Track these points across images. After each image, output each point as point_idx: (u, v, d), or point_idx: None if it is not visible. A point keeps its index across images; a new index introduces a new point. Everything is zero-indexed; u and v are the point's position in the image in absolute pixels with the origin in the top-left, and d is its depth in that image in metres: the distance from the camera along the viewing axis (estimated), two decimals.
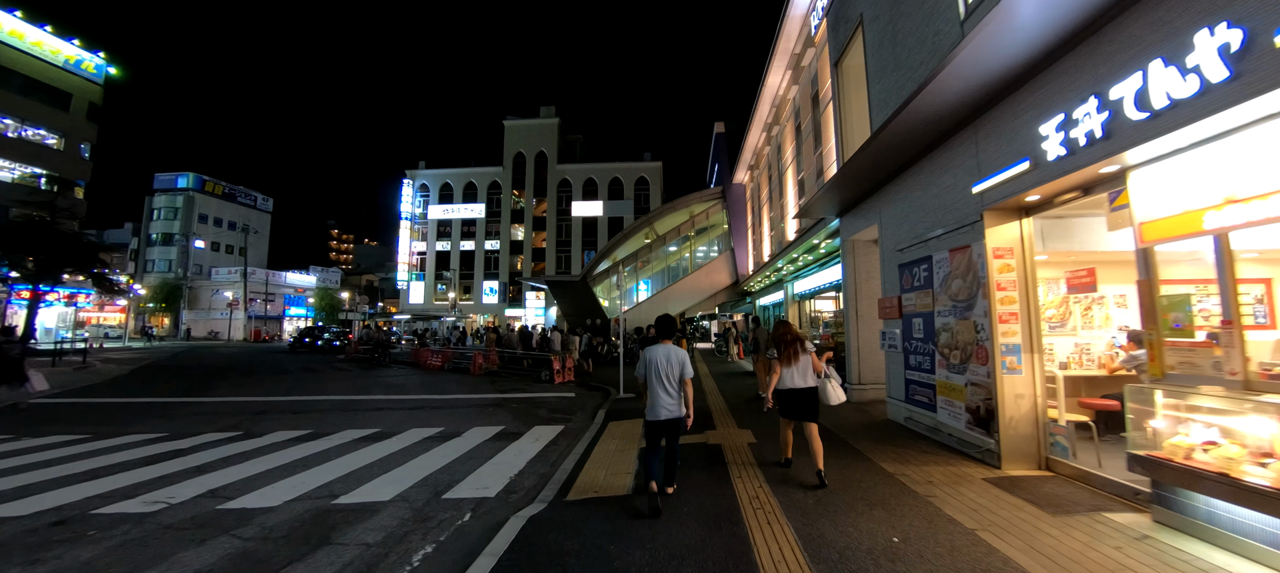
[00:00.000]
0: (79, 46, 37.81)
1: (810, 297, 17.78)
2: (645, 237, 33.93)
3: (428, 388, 12.61)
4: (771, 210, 22.30)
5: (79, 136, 38.14)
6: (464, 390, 12.09)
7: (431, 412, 9.17)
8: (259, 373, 16.43)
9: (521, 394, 11.44)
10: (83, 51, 38.12)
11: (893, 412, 6.88)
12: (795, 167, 17.61)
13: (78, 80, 38.05)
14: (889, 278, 6.82)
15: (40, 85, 35.89)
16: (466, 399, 10.66)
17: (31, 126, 35.60)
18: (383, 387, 12.82)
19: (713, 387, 11.84)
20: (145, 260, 55.28)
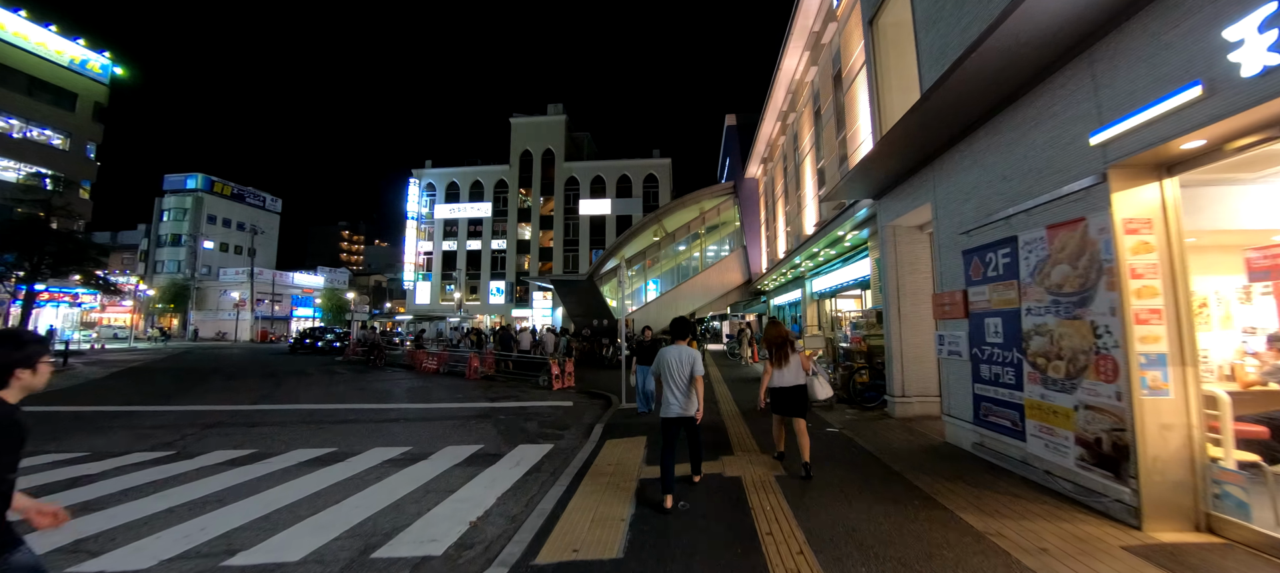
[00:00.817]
0: (84, 46, 37.61)
1: (831, 295, 16.41)
2: (654, 234, 32.69)
3: (414, 395, 11.51)
4: (787, 204, 20.93)
5: (84, 137, 37.93)
6: (452, 398, 10.96)
7: (405, 426, 8.02)
8: (245, 376, 15.51)
9: (513, 403, 10.28)
10: (88, 52, 37.92)
11: (954, 434, 5.57)
12: (814, 155, 16.26)
13: (83, 80, 37.83)
14: (948, 269, 5.52)
15: (45, 85, 35.67)
16: (450, 409, 9.51)
17: (36, 126, 35.38)
18: (364, 393, 11.75)
19: (726, 394, 10.57)
20: (155, 261, 55.33)
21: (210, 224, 56.50)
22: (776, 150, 23.39)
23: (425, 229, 51.03)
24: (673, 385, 4.45)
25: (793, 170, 19.84)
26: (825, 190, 9.59)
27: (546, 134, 49.71)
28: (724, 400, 9.75)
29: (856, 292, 14.67)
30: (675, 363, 4.47)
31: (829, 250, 13.93)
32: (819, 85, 15.83)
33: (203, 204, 55.93)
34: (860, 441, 5.94)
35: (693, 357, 4.49)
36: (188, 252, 53.89)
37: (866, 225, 10.84)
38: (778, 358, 5.46)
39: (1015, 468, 4.49)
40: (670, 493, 4.23)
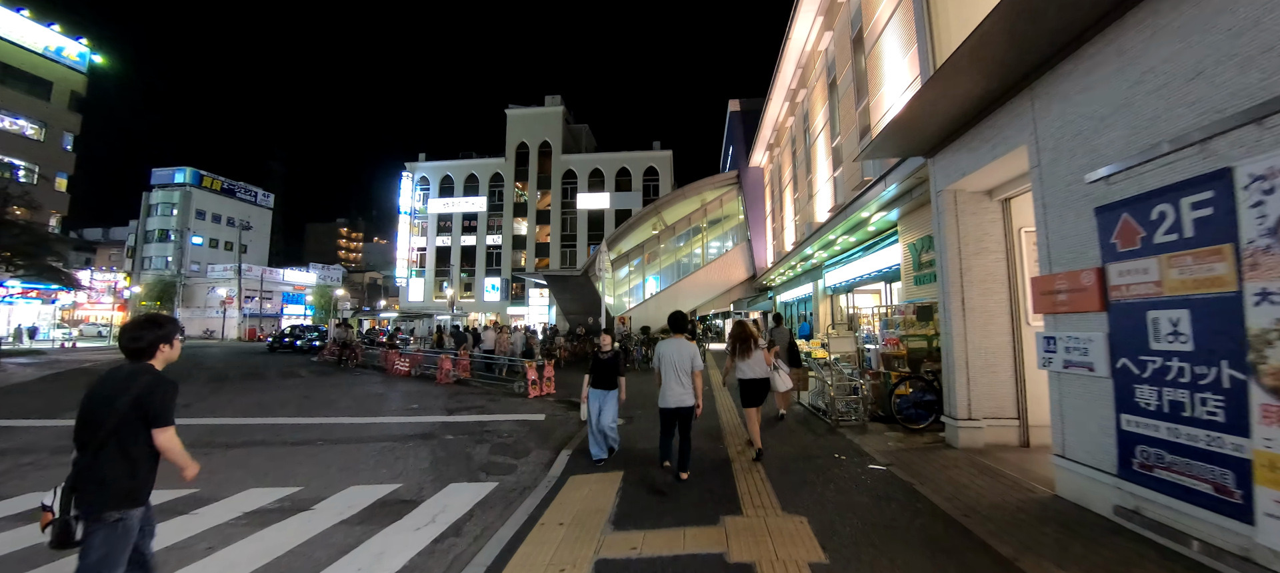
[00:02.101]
0: (59, 32, 36.03)
1: (847, 290, 14.59)
2: (653, 227, 30.89)
3: (362, 405, 9.76)
4: (796, 192, 19.12)
5: (61, 127, 36.33)
6: (405, 409, 9.22)
7: (318, 452, 6.26)
8: (192, 380, 13.82)
9: (474, 416, 8.52)
10: (63, 38, 36.34)
11: (1075, 487, 3.72)
12: (828, 133, 14.44)
13: (59, 68, 36.26)
14: (1067, 237, 3.70)
15: (17, 72, 34.06)
16: (392, 426, 7.76)
17: (8, 115, 33.83)
18: (305, 403, 10.00)
19: (728, 403, 8.78)
20: (142, 257, 53.87)
21: (199, 219, 55.01)
22: (784, 135, 21.56)
23: (418, 224, 49.39)
24: (676, 378, 4.60)
25: (802, 155, 18.02)
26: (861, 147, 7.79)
27: (543, 126, 47.96)
28: (727, 414, 7.95)
29: (879, 285, 12.85)
30: (676, 356, 4.65)
31: (847, 238, 12.11)
32: (834, 53, 14.01)
33: (191, 199, 54.43)
34: (925, 489, 4.15)
35: (692, 351, 4.65)
36: (175, 248, 52.37)
37: (897, 204, 9.05)
38: (742, 351, 5.82)
39: (1223, 565, 2.68)
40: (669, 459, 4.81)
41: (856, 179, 11.81)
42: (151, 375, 2.30)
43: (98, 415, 2.19)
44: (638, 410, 8.33)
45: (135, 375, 2.27)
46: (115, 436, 2.18)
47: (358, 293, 68.18)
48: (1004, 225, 5.43)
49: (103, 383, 2.28)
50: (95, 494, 2.14)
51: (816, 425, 6.78)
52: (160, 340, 2.40)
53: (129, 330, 2.39)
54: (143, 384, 2.25)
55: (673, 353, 4.66)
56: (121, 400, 2.20)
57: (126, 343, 2.37)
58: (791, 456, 5.38)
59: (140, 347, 2.35)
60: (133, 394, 2.21)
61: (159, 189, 54.62)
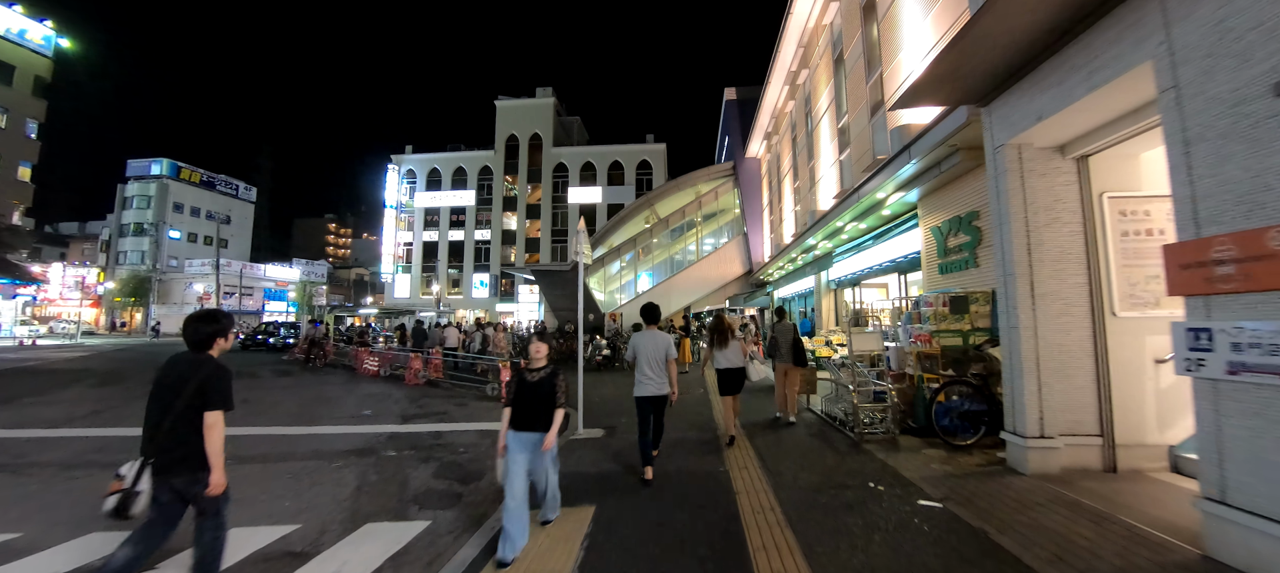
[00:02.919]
0: (21, 14, 34.24)
1: (854, 283, 13.47)
2: (645, 220, 29.69)
3: (313, 409, 8.50)
4: (797, 180, 17.99)
5: (24, 113, 34.52)
6: (357, 415, 7.97)
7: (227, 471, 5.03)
8: (126, 382, 12.46)
9: (431, 425, 7.29)
10: (26, 21, 34.54)
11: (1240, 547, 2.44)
12: (834, 113, 13.30)
13: (22, 52, 34.44)
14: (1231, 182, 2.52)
15: None
16: (335, 437, 6.51)
17: None
18: (245, 408, 8.70)
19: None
20: (117, 252, 51.94)
21: (177, 213, 53.12)
22: (783, 121, 20.43)
23: (405, 218, 47.88)
24: (648, 367, 4.69)
25: (803, 140, 16.89)
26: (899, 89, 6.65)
27: (534, 118, 46.62)
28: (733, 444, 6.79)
29: (888, 278, 11.71)
30: (651, 347, 4.74)
31: (857, 225, 10.96)
32: (840, 26, 12.85)
33: (169, 192, 52.54)
34: (1010, 542, 2.97)
35: (667, 342, 4.79)
36: (151, 242, 50.51)
37: (918, 182, 7.90)
38: (719, 342, 6.10)
39: None
40: (650, 465, 4.56)
41: (867, 159, 10.68)
42: (213, 364, 2.58)
43: (166, 397, 2.50)
44: (624, 418, 7.14)
45: (199, 364, 2.56)
46: (181, 415, 2.47)
47: (344, 289, 66.50)
48: (1080, 190, 4.28)
49: (170, 369, 2.58)
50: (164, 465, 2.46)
51: (836, 440, 5.62)
52: (217, 334, 2.67)
53: (191, 324, 2.68)
54: (205, 372, 2.54)
55: (648, 344, 4.76)
56: (188, 385, 2.49)
57: (189, 335, 2.65)
58: (814, 484, 4.19)
59: (200, 339, 2.63)
60: (197, 380, 2.51)
61: (135, 181, 52.68)
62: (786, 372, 7.34)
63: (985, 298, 6.30)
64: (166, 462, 2.47)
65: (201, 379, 2.52)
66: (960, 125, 5.79)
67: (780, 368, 7.40)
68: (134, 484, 2.40)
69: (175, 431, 2.48)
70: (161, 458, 2.46)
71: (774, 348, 7.51)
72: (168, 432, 2.47)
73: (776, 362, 7.48)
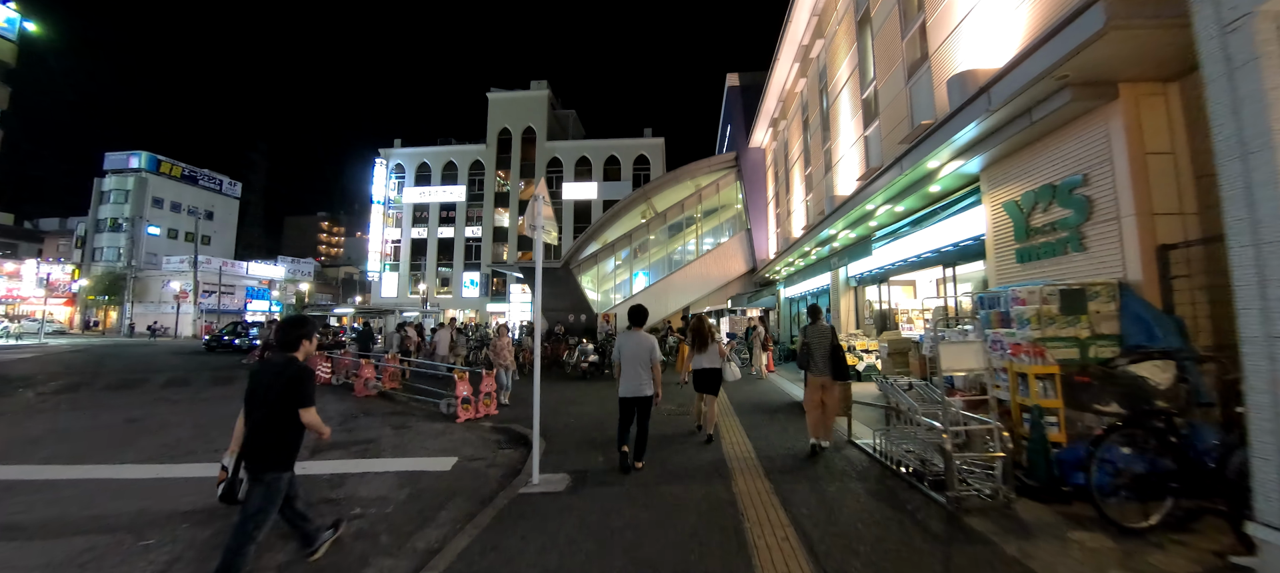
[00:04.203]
0: None
1: (881, 279, 11.63)
2: (642, 214, 27.80)
3: (203, 434, 6.63)
4: (808, 167, 16.19)
5: None
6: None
7: None
8: (40, 385, 10.60)
9: (346, 463, 5.42)
10: None
11: None
12: (857, 81, 11.49)
13: None
14: None
15: None
16: (185, 483, 4.66)
17: None
18: (129, 429, 6.84)
19: (745, 450, 5.74)
20: (93, 248, 49.88)
21: (156, 208, 51.17)
22: (792, 103, 18.63)
23: (393, 215, 45.95)
24: (632, 369, 4.73)
25: (817, 121, 15.09)
26: None
27: (527, 111, 44.76)
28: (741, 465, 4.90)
29: (929, 271, 9.88)
30: (635, 348, 4.79)
31: (891, 208, 9.12)
32: None
33: (147, 186, 50.60)
34: None
35: (651, 343, 4.84)
36: (128, 238, 48.48)
37: (984, 145, 6.10)
38: (698, 345, 6.32)
39: None
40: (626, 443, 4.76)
41: (903, 130, 8.87)
42: (299, 366, 2.93)
43: (259, 395, 2.85)
44: (605, 452, 5.29)
45: (288, 365, 2.91)
46: (271, 411, 2.82)
47: (332, 288, 64.51)
48: None
49: (264, 369, 2.94)
50: (255, 458, 2.79)
51: (913, 503, 3.77)
52: (302, 336, 3.03)
53: (281, 329, 3.11)
54: (293, 372, 2.88)
55: (633, 346, 4.80)
56: (278, 384, 2.85)
57: (279, 339, 3.05)
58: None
59: (288, 341, 3.00)
60: (286, 379, 2.85)
61: (112, 175, 50.71)
62: (823, 387, 5.51)
63: (1109, 292, 4.47)
64: (253, 453, 2.79)
65: (289, 378, 2.86)
66: (1081, 44, 3.97)
67: (815, 382, 5.57)
68: (234, 473, 2.76)
69: (265, 426, 2.82)
70: (251, 449, 2.80)
71: (806, 356, 5.67)
72: (259, 426, 2.82)
73: (809, 374, 5.65)
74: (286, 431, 2.86)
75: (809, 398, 5.71)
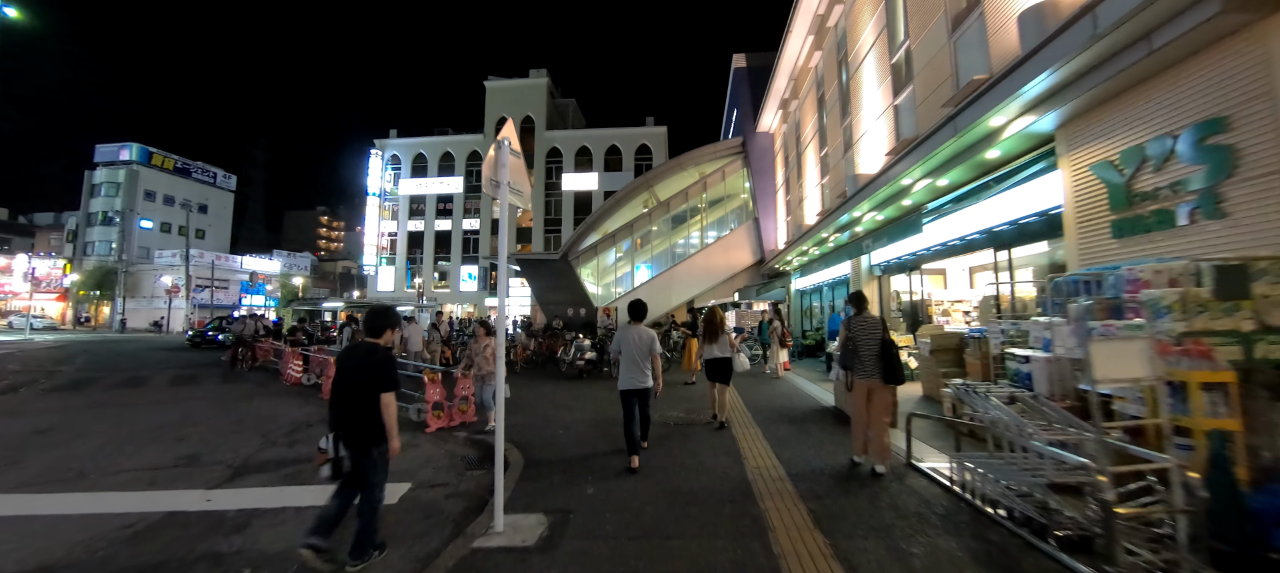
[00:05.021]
0: None
1: (909, 267, 10.41)
2: (644, 204, 26.58)
3: (117, 447, 5.52)
4: (824, 148, 14.95)
5: None
6: (167, 461, 5.00)
7: None
8: None
9: (267, 493, 4.30)
10: None
11: None
12: (885, 44, 10.25)
13: None
14: None
15: None
16: (53, 523, 3.55)
17: None
18: (40, 439, 5.73)
19: (775, 471, 4.57)
20: (84, 242, 48.93)
21: (149, 201, 50.13)
22: (804, 81, 17.35)
23: (389, 207, 44.81)
24: (635, 363, 4.77)
25: (835, 97, 13.83)
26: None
27: (526, 99, 43.47)
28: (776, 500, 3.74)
29: (976, 255, 8.66)
30: (636, 342, 4.82)
31: (934, 181, 7.89)
32: None
33: (139, 178, 49.53)
34: None
35: (651, 337, 4.91)
36: (119, 232, 47.48)
37: (1069, 93, 4.90)
38: (709, 336, 6.46)
39: None
40: (635, 453, 4.69)
41: (943, 92, 7.65)
42: (384, 352, 3.15)
43: (349, 379, 3.06)
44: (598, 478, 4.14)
45: (373, 351, 3.12)
46: (364, 392, 3.00)
47: (329, 282, 63.50)
48: None
49: (351, 354, 3.17)
50: (358, 436, 2.99)
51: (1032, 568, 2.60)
52: (386, 325, 3.28)
53: (368, 318, 3.30)
54: (379, 358, 3.09)
55: (633, 340, 4.82)
56: (367, 367, 3.04)
57: (367, 326, 3.26)
58: None
59: (375, 328, 3.24)
60: (373, 364, 3.05)
61: (103, 168, 49.65)
62: (871, 393, 4.35)
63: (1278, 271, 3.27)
64: (349, 433, 2.98)
65: (375, 365, 3.05)
66: None
67: (861, 387, 4.41)
68: (336, 452, 2.95)
69: (357, 407, 3.00)
70: (346, 429, 2.98)
71: (850, 355, 4.51)
72: (352, 407, 3.00)
73: (853, 375, 4.50)
74: (377, 409, 3.02)
75: (856, 407, 4.56)
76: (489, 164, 3.46)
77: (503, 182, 3.46)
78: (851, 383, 4.57)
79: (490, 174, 3.46)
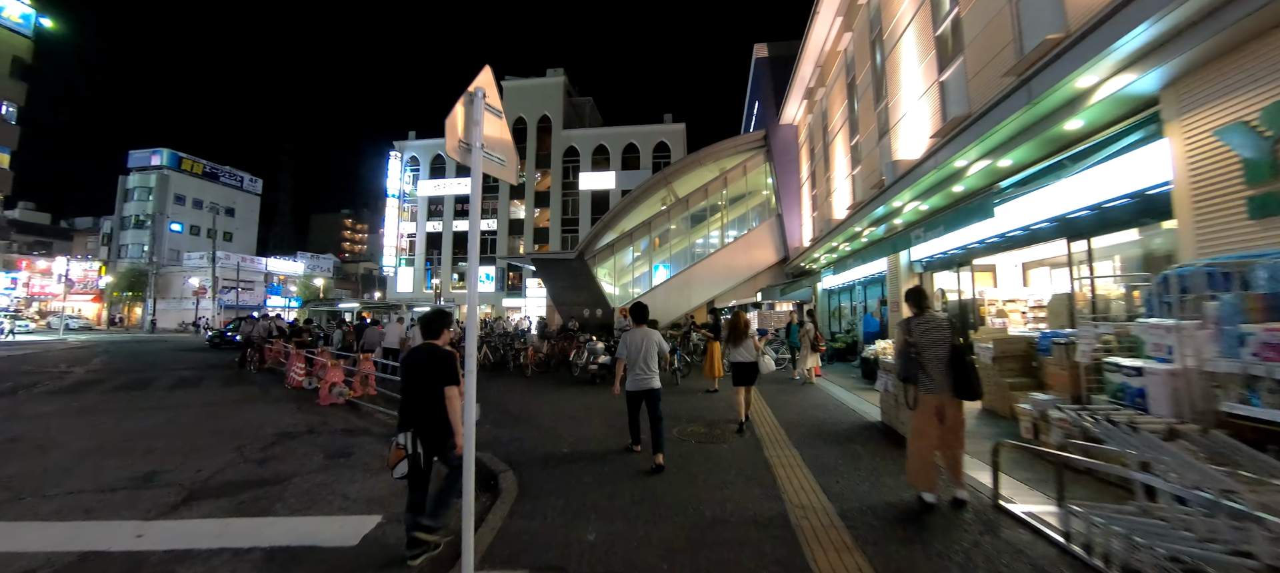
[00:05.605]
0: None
1: (959, 262, 9.37)
2: (662, 200, 25.76)
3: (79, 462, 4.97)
4: (855, 137, 13.92)
5: (1, 95, 32.46)
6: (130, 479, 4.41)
7: None
8: None
9: (213, 527, 3.65)
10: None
11: None
12: (928, 16, 9.24)
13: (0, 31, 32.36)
14: None
15: None
16: None
17: None
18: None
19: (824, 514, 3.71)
20: (119, 245, 50.41)
21: (179, 205, 51.39)
22: (832, 66, 16.31)
23: (408, 208, 44.89)
24: (643, 364, 4.87)
25: (868, 80, 12.80)
26: None
27: (543, 99, 43.07)
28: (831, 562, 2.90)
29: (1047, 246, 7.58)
30: (644, 344, 4.90)
31: (994, 160, 6.87)
32: None
33: (169, 183, 50.82)
34: None
35: (659, 338, 5.02)
36: (150, 234, 48.75)
37: (1183, 42, 3.94)
38: (734, 339, 6.49)
39: None
40: (638, 443, 5.13)
41: (1004, 60, 6.65)
42: (444, 351, 3.36)
43: (418, 379, 3.24)
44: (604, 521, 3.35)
45: (434, 351, 3.33)
46: (431, 390, 3.19)
47: (351, 283, 64.32)
48: None
49: (416, 354, 3.35)
50: (434, 433, 3.18)
51: None
52: (443, 326, 3.48)
53: (426, 320, 3.50)
54: (441, 356, 3.29)
55: (639, 342, 4.91)
56: (432, 366, 3.24)
57: (425, 328, 3.47)
58: None
59: (433, 330, 3.44)
60: (436, 362, 3.25)
61: (136, 173, 51.09)
62: (942, 409, 3.47)
63: None
64: (430, 429, 3.16)
65: (437, 363, 3.24)
66: None
67: (928, 402, 3.53)
68: (414, 449, 3.10)
69: (428, 404, 3.18)
70: (422, 426, 3.16)
71: (911, 364, 3.64)
72: (424, 405, 3.18)
73: (919, 389, 3.62)
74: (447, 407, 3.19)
75: (918, 427, 3.67)
76: (454, 124, 2.69)
77: (476, 145, 2.69)
78: (915, 399, 3.68)
79: (459, 136, 2.70)
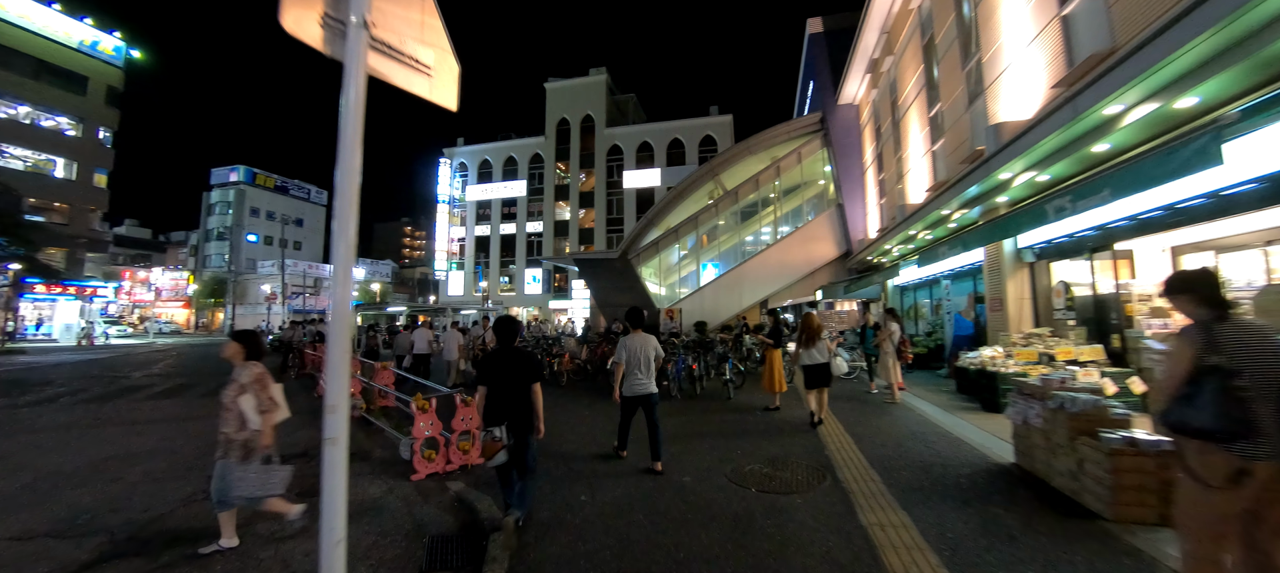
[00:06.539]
0: (92, 26, 35.10)
1: (1098, 245, 7.37)
2: (709, 194, 24.18)
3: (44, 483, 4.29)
4: (935, 107, 11.92)
5: (97, 121, 35.37)
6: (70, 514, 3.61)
7: None
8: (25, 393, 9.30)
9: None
10: (97, 32, 35.32)
11: None
12: None
13: (95, 63, 35.26)
14: None
15: (52, 68, 33.18)
16: None
17: (47, 112, 33.16)
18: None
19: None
20: (204, 256, 54.62)
21: (254, 217, 55.01)
22: (902, 29, 14.23)
23: (458, 213, 45.71)
24: (637, 369, 4.97)
25: (952, 35, 10.81)
26: None
27: (586, 98, 42.53)
28: None
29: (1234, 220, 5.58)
30: (642, 349, 5.00)
31: (1170, 100, 5.00)
32: None
33: (246, 197, 54.48)
34: None
35: (655, 344, 5.11)
36: (230, 245, 52.45)
37: None
38: (807, 340, 6.56)
39: None
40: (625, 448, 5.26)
41: None
42: (525, 352, 3.84)
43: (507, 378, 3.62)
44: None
45: (515, 351, 3.72)
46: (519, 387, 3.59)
47: (408, 288, 66.79)
48: None
49: (504, 355, 3.70)
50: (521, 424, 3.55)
51: None
52: (516, 331, 3.87)
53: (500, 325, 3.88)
54: (524, 356, 3.74)
55: (637, 347, 5.00)
56: (517, 365, 3.64)
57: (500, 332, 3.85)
58: None
59: (510, 333, 3.82)
60: (520, 362, 3.66)
61: (217, 188, 55.15)
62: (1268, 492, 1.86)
63: None
64: (517, 422, 3.51)
65: (522, 362, 3.66)
66: None
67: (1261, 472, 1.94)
68: (509, 440, 3.43)
69: (517, 400, 3.55)
70: (513, 419, 3.50)
71: (1228, 403, 2.01)
72: (514, 401, 3.54)
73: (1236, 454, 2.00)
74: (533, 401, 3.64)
75: (1211, 522, 2.04)
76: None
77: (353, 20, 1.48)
78: (1241, 472, 2.03)
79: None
